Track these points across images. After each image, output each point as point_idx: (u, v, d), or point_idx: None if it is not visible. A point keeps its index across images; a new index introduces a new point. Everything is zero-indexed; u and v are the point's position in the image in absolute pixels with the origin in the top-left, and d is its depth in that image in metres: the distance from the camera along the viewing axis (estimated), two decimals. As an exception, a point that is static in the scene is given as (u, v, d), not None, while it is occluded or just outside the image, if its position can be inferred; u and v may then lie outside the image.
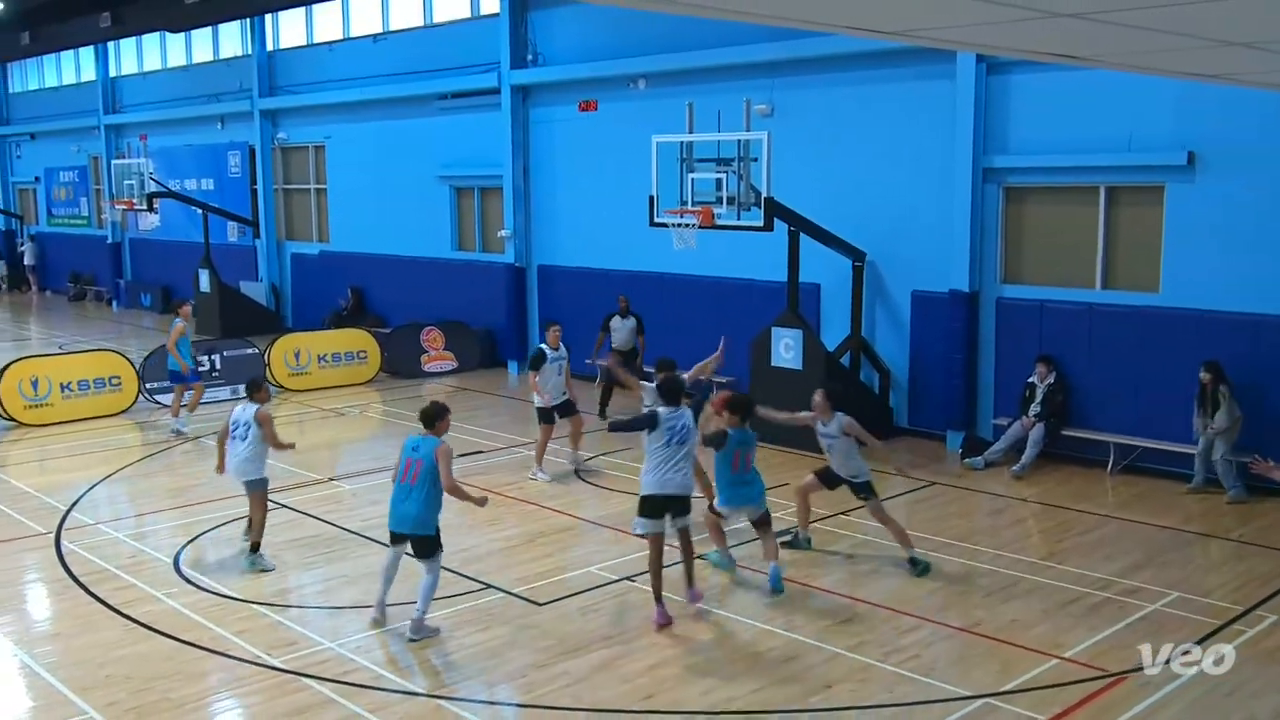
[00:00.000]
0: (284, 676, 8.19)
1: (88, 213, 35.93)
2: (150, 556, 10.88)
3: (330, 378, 20.08)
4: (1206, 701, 7.75)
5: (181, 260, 29.42)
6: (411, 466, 8.77)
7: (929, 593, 9.92)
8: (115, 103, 33.43)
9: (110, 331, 27.52)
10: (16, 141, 39.34)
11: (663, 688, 8.00)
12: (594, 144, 19.73)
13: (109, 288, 34.43)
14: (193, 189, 29.24)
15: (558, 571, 10.46)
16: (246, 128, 27.86)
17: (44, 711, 7.71)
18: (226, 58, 28.90)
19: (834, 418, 10.44)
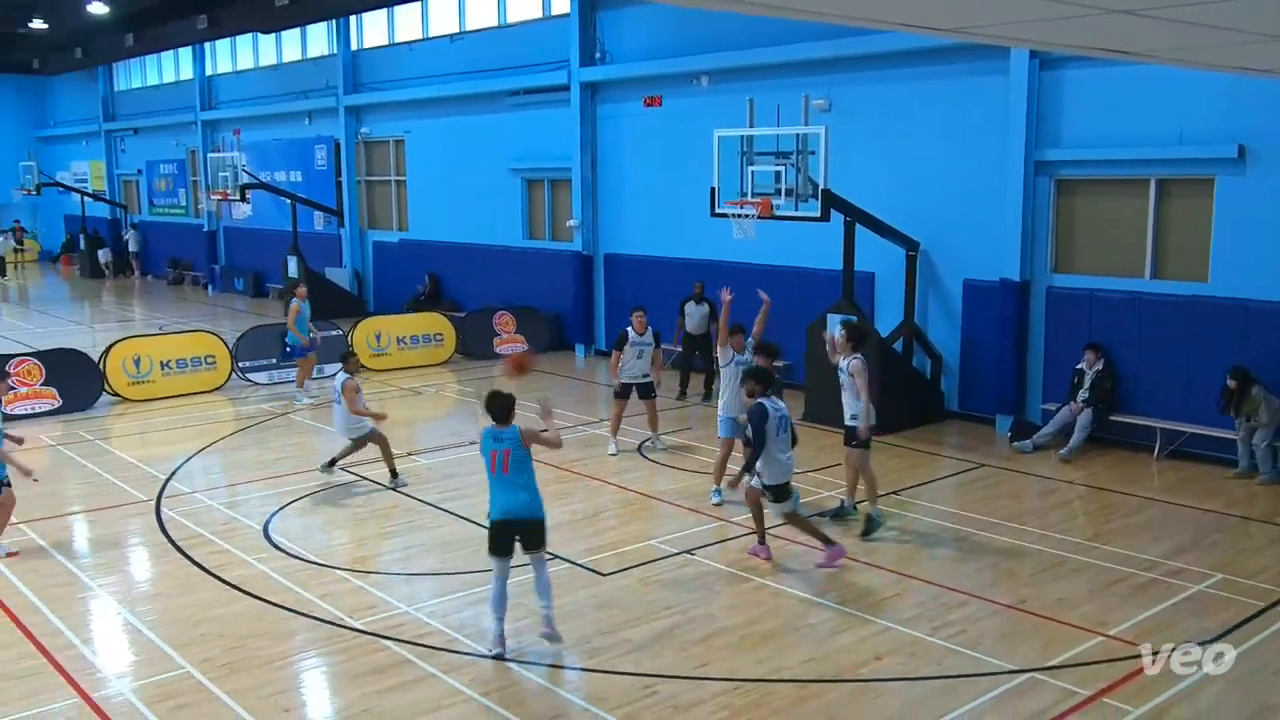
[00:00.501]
0: (364, 638, 8.32)
1: (185, 203, 36.57)
2: (242, 523, 11.11)
3: (409, 358, 20.30)
4: (1249, 680, 7.58)
5: (271, 247, 29.86)
6: (499, 458, 8.11)
7: (977, 570, 9.81)
8: (211, 100, 33.97)
9: (206, 314, 28.04)
10: (121, 136, 40.17)
11: (718, 656, 8.01)
12: (658, 138, 19.68)
13: (205, 273, 35.04)
14: (282, 180, 29.62)
15: (621, 544, 10.49)
16: (332, 123, 28.18)
17: (145, 665, 7.92)
18: (314, 57, 29.22)
19: (851, 357, 10.52)
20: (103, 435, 15.23)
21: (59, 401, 16.32)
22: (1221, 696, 7.38)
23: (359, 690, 7.51)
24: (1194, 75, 11.68)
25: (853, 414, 10.62)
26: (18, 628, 8.53)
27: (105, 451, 14.26)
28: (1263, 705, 7.28)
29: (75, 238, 40.54)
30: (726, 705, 7.26)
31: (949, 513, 11.55)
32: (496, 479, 8.14)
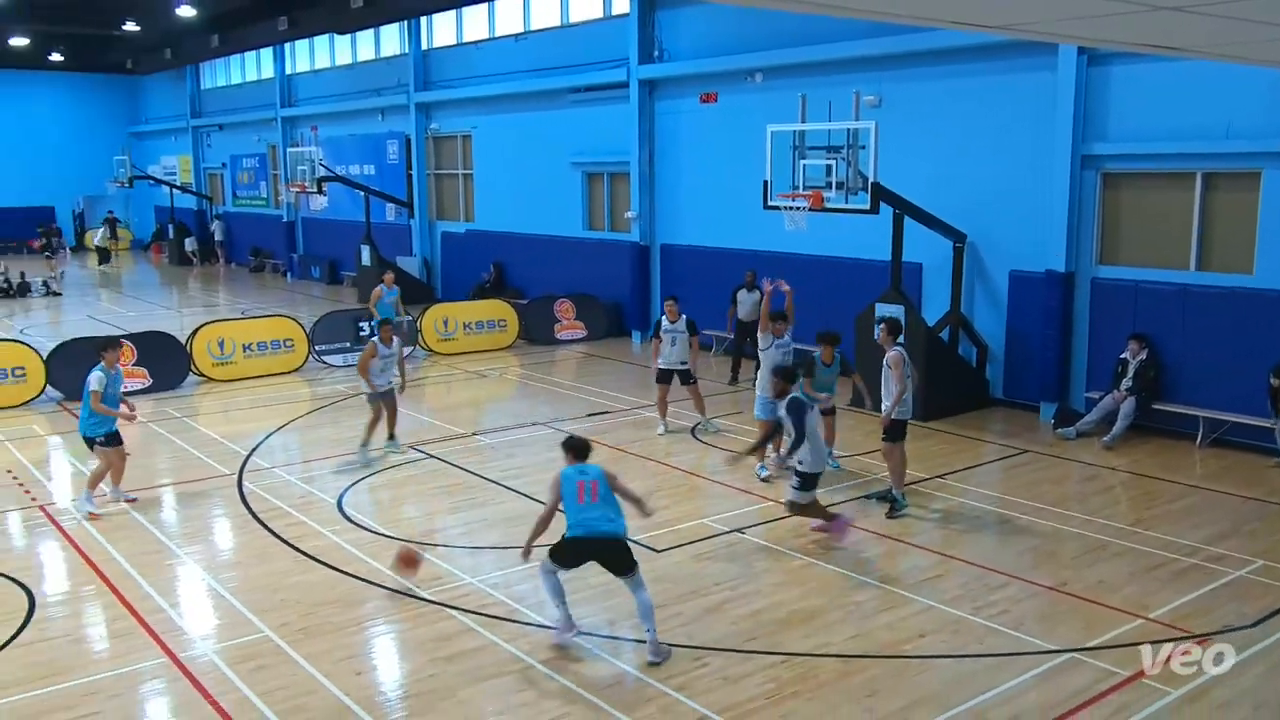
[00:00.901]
0: (430, 607, 8.43)
1: (266, 195, 37.09)
2: (317, 497, 11.30)
3: (474, 343, 20.47)
4: (1289, 665, 7.42)
5: (346, 237, 30.23)
6: (586, 488, 7.83)
7: (1019, 552, 9.69)
8: (290, 97, 34.41)
9: (284, 300, 28.47)
10: (207, 132, 40.86)
11: (765, 630, 8.00)
12: (713, 133, 19.60)
13: (284, 261, 35.56)
14: (356, 174, 29.94)
15: (675, 522, 10.51)
16: (403, 119, 28.42)
17: (227, 629, 8.10)
18: (386, 56, 29.46)
19: (891, 349, 10.51)
20: (189, 413, 15.56)
21: (149, 381, 16.71)
22: (1260, 680, 7.23)
23: (425, 656, 7.61)
24: (1241, 70, 11.35)
25: (887, 406, 10.54)
26: (111, 591, 8.77)
27: (191, 428, 14.57)
28: (1302, 689, 7.12)
29: (164, 227, 41.38)
30: (774, 678, 7.25)
31: (992, 496, 11.42)
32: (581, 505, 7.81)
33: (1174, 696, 6.97)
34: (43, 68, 42.12)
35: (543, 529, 7.79)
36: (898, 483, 10.72)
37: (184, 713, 6.89)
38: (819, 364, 11.53)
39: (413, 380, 18.00)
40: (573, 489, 7.86)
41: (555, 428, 14.33)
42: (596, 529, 7.70)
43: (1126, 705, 6.88)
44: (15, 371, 15.89)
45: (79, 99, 44.90)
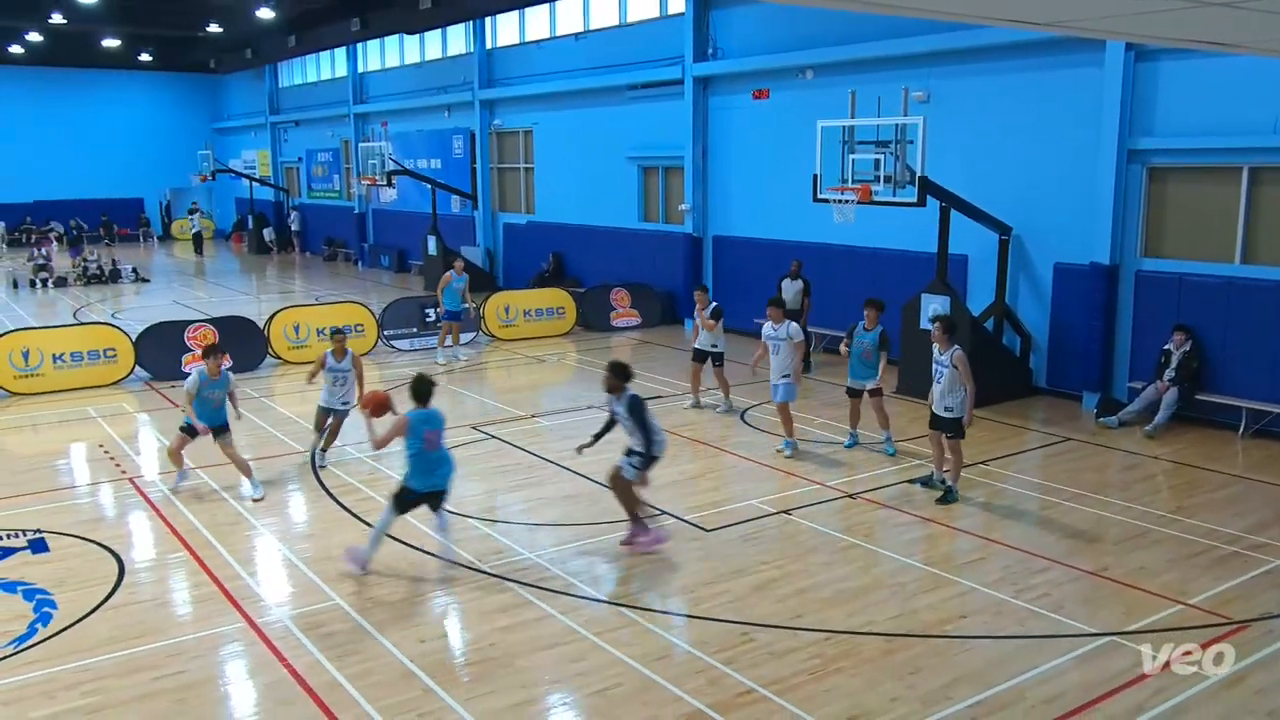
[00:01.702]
0: (491, 580, 8.52)
1: (339, 187, 37.55)
2: (385, 474, 11.44)
3: (534, 329, 20.58)
4: (1329, 653, 7.23)
5: (413, 228, 30.52)
6: (436, 439, 8.47)
7: (1060, 538, 9.54)
8: (362, 94, 34.76)
9: (355, 287, 28.82)
10: (284, 128, 41.44)
11: (811, 608, 7.97)
12: (765, 128, 19.46)
13: (355, 250, 35.99)
14: (423, 167, 30.14)
15: (724, 503, 10.50)
16: (468, 115, 28.58)
17: (300, 596, 8.26)
18: (453, 55, 29.63)
19: (950, 348, 10.22)
20: (267, 393, 15.84)
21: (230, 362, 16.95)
22: (1300, 666, 7.06)
23: (486, 626, 7.70)
24: (1291, 65, 11.04)
25: (947, 405, 10.33)
26: (194, 559, 8.97)
27: (268, 408, 14.83)
28: (1342, 677, 6.93)
29: (245, 218, 42.09)
30: (818, 654, 7.23)
31: (1035, 483, 11.25)
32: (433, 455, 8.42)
33: (1212, 682, 6.83)
34: (132, 67, 43.09)
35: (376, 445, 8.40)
36: (957, 476, 10.58)
37: (260, 674, 7.04)
38: (860, 328, 11.82)
39: (475, 365, 18.20)
40: (421, 438, 8.28)
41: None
42: (442, 485, 8.33)
43: (1165, 688, 6.76)
44: (107, 352, 16.30)
45: (166, 97, 45.82)
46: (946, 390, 10.28)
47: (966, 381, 10.18)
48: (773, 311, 12.14)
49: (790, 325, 12.06)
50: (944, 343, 10.32)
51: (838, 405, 14.61)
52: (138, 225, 44.56)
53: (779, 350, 12.07)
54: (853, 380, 12.24)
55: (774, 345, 12.12)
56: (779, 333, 12.08)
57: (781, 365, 12.05)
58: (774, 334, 12.13)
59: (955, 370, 10.19)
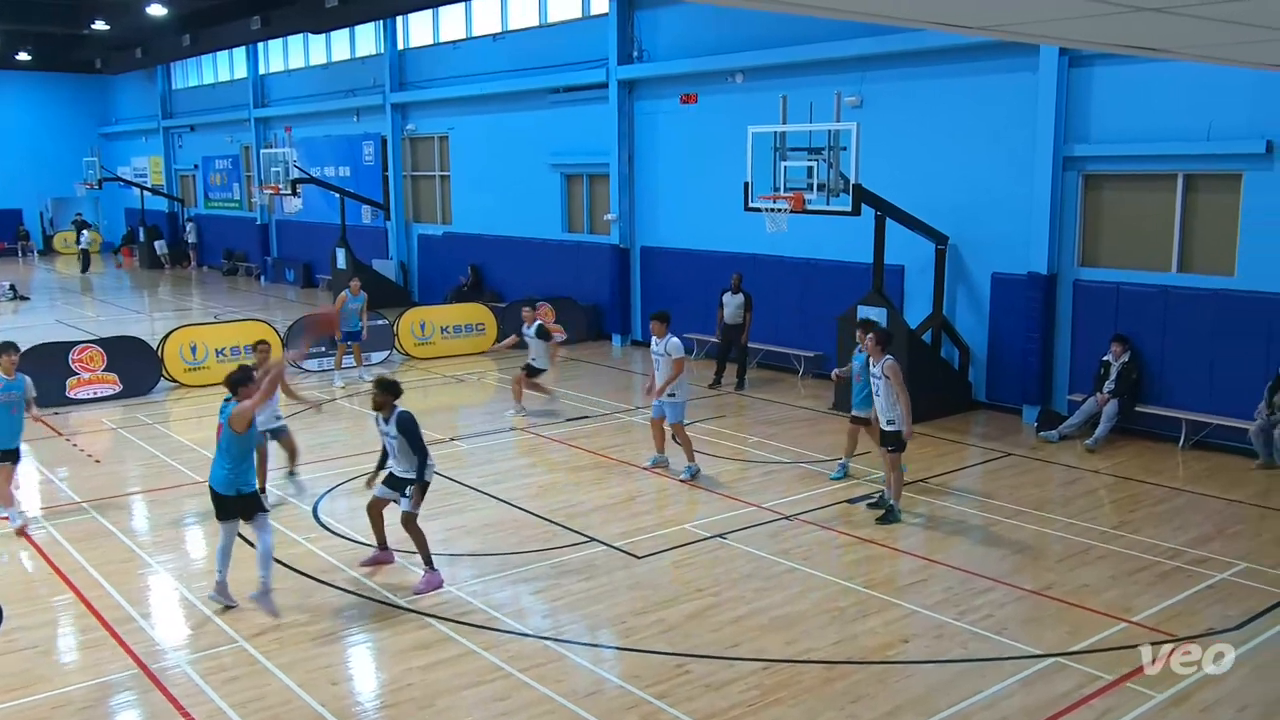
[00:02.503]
0: (408, 615, 8.40)
1: (239, 197, 36.91)
2: (292, 504, 11.22)
3: (451, 347, 20.42)
4: (1273, 667, 7.49)
5: (321, 240, 30.12)
6: (222, 432, 8.44)
7: (1002, 556, 9.74)
8: (264, 98, 34.26)
9: (258, 303, 28.31)
10: (179, 133, 40.61)
11: (748, 637, 8.01)
12: (694, 134, 19.63)
13: (257, 264, 35.38)
14: (331, 175, 29.81)
15: (655, 528, 10.51)
16: (379, 120, 28.34)
17: (199, 637, 8.04)
18: (362, 56, 29.37)
19: (883, 359, 10.40)
20: (161, 419, 15.45)
21: (119, 387, 16.57)
22: (1245, 682, 7.29)
23: (403, 665, 7.58)
24: (1222, 72, 11.47)
25: (890, 419, 10.50)
26: (81, 601, 8.68)
27: (163, 435, 14.46)
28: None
29: (135, 230, 41.08)
30: (757, 685, 7.26)
31: (976, 500, 11.47)
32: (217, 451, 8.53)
33: (1158, 700, 7.02)
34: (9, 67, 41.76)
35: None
36: (898, 494, 10.71)
37: (156, 725, 6.83)
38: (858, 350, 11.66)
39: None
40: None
41: (534, 433, 14.32)
42: (220, 489, 8.40)
43: (1111, 709, 6.93)
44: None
45: (47, 100, 44.55)
46: (889, 404, 10.44)
47: (900, 393, 10.35)
48: (655, 325, 12.10)
49: (670, 340, 11.93)
50: (876, 353, 10.49)
51: (772, 424, 14.78)
52: (16, 238, 43.16)
53: (660, 366, 12.02)
54: (856, 409, 11.84)
55: (656, 361, 12.10)
56: (659, 348, 12.00)
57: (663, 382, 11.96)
58: (656, 349, 12.08)
59: (887, 380, 10.35)
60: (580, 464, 12.87)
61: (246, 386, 8.51)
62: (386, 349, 19.54)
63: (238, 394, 8.45)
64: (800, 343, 17.86)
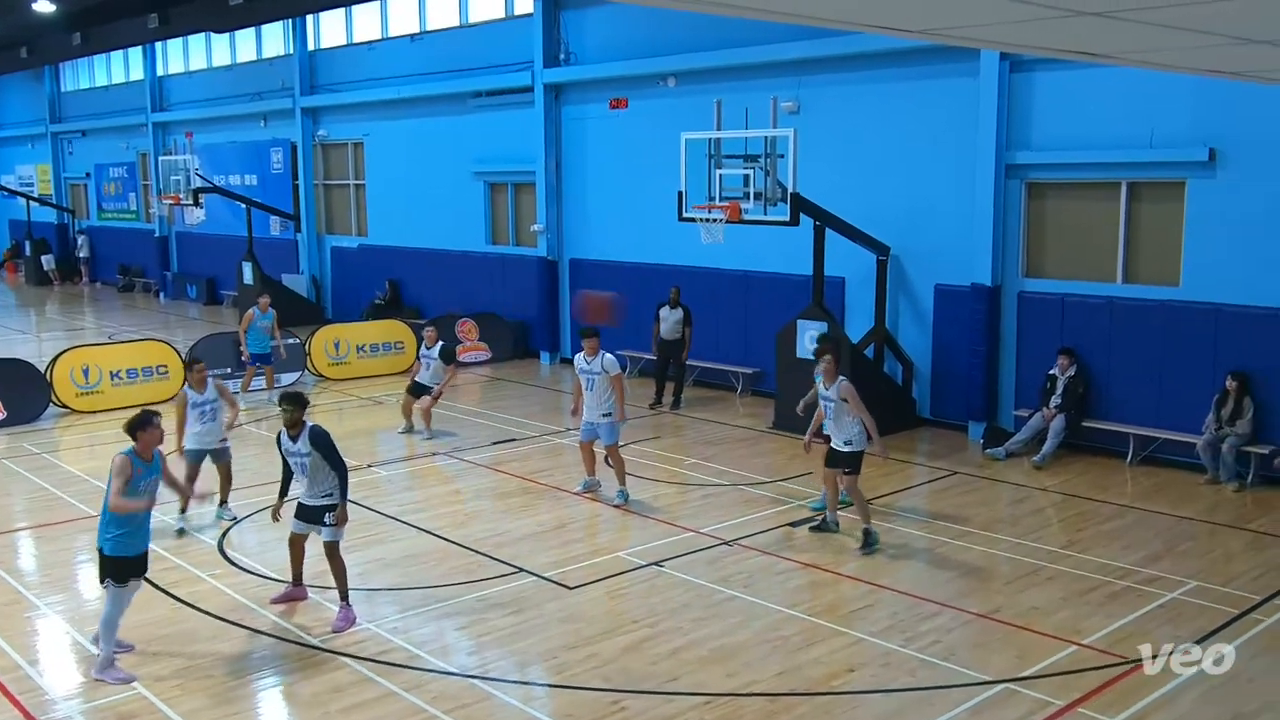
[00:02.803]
0: (322, 655, 8.26)
1: (136, 207, 36.20)
2: (195, 539, 10.99)
3: (368, 367, 20.20)
4: (1225, 688, 7.68)
5: (226, 253, 29.64)
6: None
7: (950, 579, 9.88)
8: (162, 101, 33.68)
9: (158, 321, 27.76)
10: (69, 139, 39.70)
11: (687, 669, 8.01)
12: (625, 141, 19.72)
13: (156, 280, 34.70)
14: (236, 184, 29.40)
15: (588, 556, 10.48)
16: (288, 125, 28.01)
17: (95, 686, 7.80)
18: (269, 57, 29.03)
19: (838, 381, 10.48)
20: (50, 448, 15.03)
21: (3, 414, 16.09)
22: (1197, 704, 7.48)
23: (318, 710, 7.45)
24: (1164, 78, 11.86)
25: (847, 439, 10.54)
26: (-40, 649, 8.40)
27: (52, 465, 14.07)
28: (1236, 713, 7.38)
29: (20, 244, 39.99)
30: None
31: (922, 521, 11.63)
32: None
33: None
34: (-121, 67, 40.49)
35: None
36: (868, 516, 10.71)
37: (45, 782, 6.62)
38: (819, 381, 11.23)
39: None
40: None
41: (458, 458, 14.21)
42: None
43: (1062, 736, 7.05)
44: None
45: (-79, 102, 43.30)
46: (838, 425, 10.52)
47: (861, 413, 10.44)
48: (589, 343, 11.95)
49: (605, 357, 11.87)
50: (831, 375, 10.55)
51: (710, 444, 14.85)
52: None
53: (593, 385, 11.92)
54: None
55: (588, 380, 11.95)
56: (593, 366, 11.89)
57: (599, 402, 11.91)
58: (588, 367, 11.91)
59: (844, 403, 10.44)
60: (507, 490, 12.80)
61: (146, 431, 7.98)
62: (298, 370, 19.27)
63: (136, 440, 7.95)
64: (738, 359, 17.98)
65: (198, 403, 11.23)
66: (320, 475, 8.80)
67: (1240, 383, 12.52)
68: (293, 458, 8.85)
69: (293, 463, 8.88)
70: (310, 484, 8.85)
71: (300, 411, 8.79)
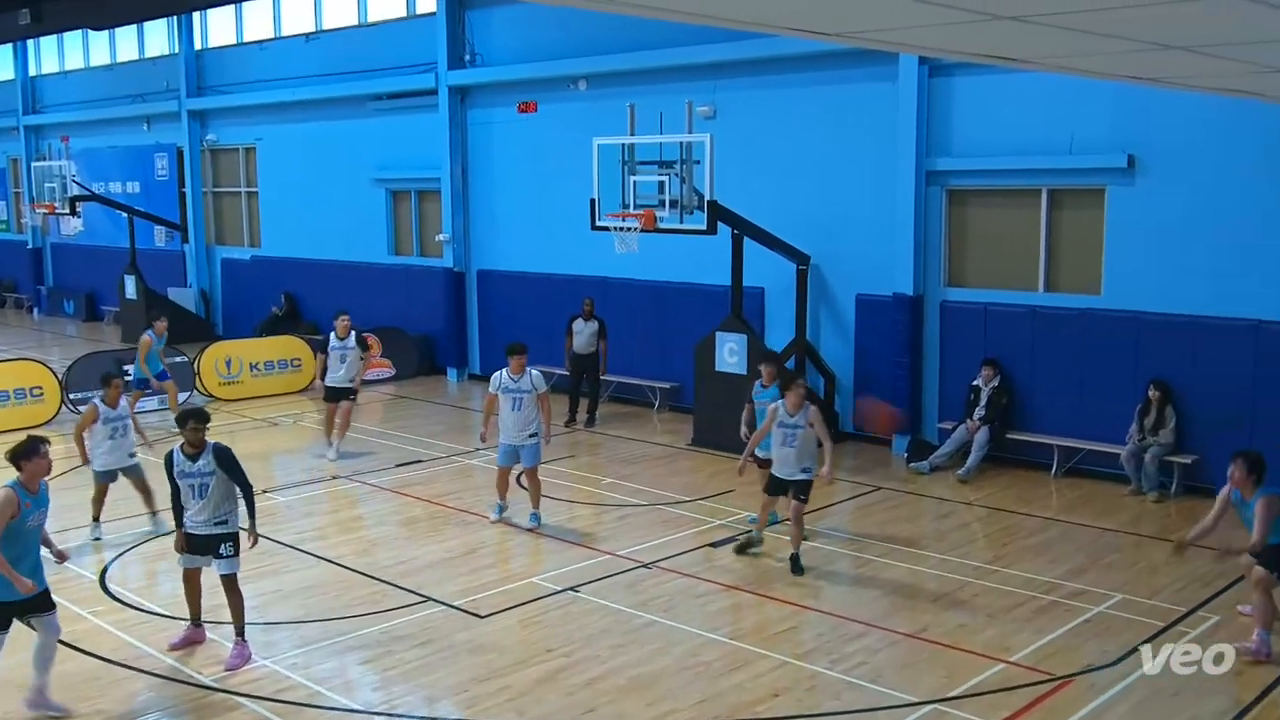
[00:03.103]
0: (216, 695, 8.07)
1: (6, 217, 35.27)
2: (74, 573, 10.65)
3: (263, 386, 19.84)
4: (1153, 702, 7.90)
5: (106, 266, 28.94)
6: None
7: (876, 598, 10.01)
8: (35, 103, 32.84)
9: (30, 339, 26.98)
10: (-70, 143, 38.46)
11: (604, 700, 8.00)
12: (534, 146, 19.69)
13: (29, 295, 33.80)
14: (118, 192, 28.77)
15: (500, 583, 10.41)
16: (174, 129, 27.47)
17: (-38, 737, 7.54)
18: (152, 56, 28.49)
19: (804, 408, 10.57)
20: (-89, 478, 14.47)
21: None
22: (1125, 719, 7.68)
23: (210, 754, 7.27)
24: (1084, 84, 12.20)
25: (805, 466, 10.59)
26: None
27: (-86, 497, 13.54)
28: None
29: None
30: (616, 752, 7.25)
31: (846, 539, 11.78)
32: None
33: (1038, 744, 7.31)
34: None
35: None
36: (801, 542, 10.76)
37: (-93, 843, 6.36)
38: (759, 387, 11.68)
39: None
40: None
41: (360, 481, 14.02)
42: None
43: (991, 757, 7.18)
44: None
45: None
46: (799, 454, 10.55)
47: (825, 439, 10.50)
48: (516, 360, 11.80)
49: (533, 374, 11.82)
50: (797, 404, 10.56)
51: (626, 462, 14.87)
52: None
53: (520, 405, 11.80)
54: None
55: (514, 400, 11.78)
56: (520, 384, 11.77)
57: (525, 422, 11.80)
58: (514, 386, 11.76)
59: (811, 430, 10.53)
60: (413, 514, 12.67)
61: (32, 461, 7.70)
62: (187, 390, 18.84)
63: (21, 470, 7.67)
64: (655, 373, 18.04)
65: (110, 418, 11.28)
66: (220, 497, 8.60)
67: (1162, 392, 12.94)
68: (189, 479, 8.61)
69: (188, 485, 8.62)
70: (206, 508, 8.61)
71: (201, 429, 8.64)
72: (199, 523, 8.66)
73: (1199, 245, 12.96)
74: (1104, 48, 6.02)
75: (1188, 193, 13.01)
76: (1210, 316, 12.90)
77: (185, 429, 8.69)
